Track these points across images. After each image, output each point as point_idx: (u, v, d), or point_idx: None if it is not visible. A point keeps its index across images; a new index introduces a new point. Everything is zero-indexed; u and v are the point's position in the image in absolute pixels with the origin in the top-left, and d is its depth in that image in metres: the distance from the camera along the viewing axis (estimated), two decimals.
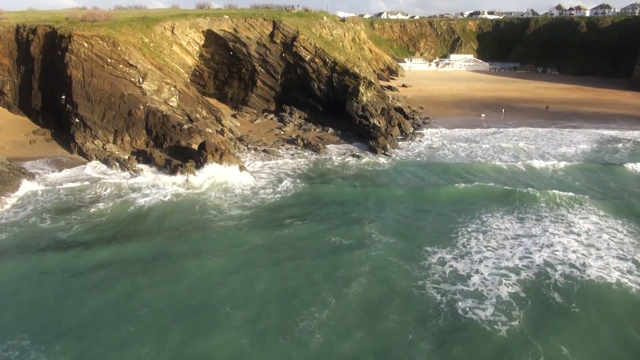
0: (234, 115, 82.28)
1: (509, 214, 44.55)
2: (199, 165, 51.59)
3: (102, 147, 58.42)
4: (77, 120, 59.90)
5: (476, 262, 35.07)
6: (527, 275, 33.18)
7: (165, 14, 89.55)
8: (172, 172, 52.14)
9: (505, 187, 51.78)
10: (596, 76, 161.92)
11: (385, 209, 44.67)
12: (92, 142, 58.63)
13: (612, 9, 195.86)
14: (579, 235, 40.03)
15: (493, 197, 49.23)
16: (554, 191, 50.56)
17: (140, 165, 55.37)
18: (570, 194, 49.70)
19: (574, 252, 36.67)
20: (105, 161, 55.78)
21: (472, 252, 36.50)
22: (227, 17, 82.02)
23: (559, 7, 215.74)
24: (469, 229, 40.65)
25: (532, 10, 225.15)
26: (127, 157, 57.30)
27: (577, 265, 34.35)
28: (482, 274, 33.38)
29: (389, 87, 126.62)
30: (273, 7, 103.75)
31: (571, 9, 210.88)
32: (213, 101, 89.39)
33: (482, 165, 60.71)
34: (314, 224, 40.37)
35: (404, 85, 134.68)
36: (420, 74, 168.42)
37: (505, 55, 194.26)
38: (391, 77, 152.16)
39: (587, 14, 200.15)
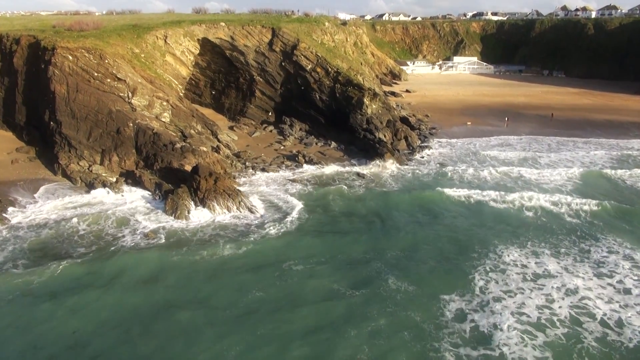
0: (231, 128, 78.18)
1: (523, 246, 40.60)
2: (192, 191, 47.54)
3: (88, 168, 54.35)
4: (61, 139, 55.82)
5: (497, 314, 30.88)
6: (555, 335, 28.98)
7: (159, 20, 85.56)
8: (164, 198, 48.13)
9: (519, 212, 48.23)
10: (603, 79, 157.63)
11: (397, 243, 40.70)
12: (77, 164, 54.56)
13: (619, 10, 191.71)
14: (610, 276, 35.93)
15: (507, 224, 45.48)
16: (571, 217, 46.92)
17: (129, 190, 51.28)
18: (591, 219, 46.08)
19: (606, 301, 32.50)
20: (91, 185, 51.69)
21: (491, 300, 32.38)
22: (223, 24, 77.92)
23: (564, 8, 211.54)
24: (487, 268, 36.60)
25: (537, 11, 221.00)
26: (114, 180, 53.23)
27: (611, 325, 30.06)
28: (503, 330, 29.22)
29: (392, 93, 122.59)
30: (272, 12, 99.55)
31: (577, 9, 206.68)
32: (209, 112, 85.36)
33: (493, 185, 56.77)
34: (318, 268, 36.21)
35: (407, 91, 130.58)
36: (424, 78, 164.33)
37: (510, 57, 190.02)
38: (394, 81, 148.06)
39: (593, 15, 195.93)
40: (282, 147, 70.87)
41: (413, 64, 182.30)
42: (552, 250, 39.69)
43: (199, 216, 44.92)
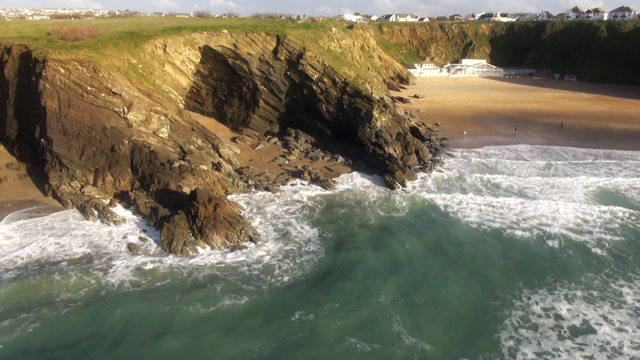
0: (233, 139, 74.67)
1: (552, 287, 36.62)
2: (190, 219, 44.02)
3: (80, 190, 50.89)
4: (51, 157, 52.41)
5: None
6: None
7: (159, 26, 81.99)
8: (159, 225, 44.60)
9: (540, 243, 44.31)
10: (617, 84, 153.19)
11: (410, 284, 36.85)
12: (69, 184, 51.11)
13: (632, 12, 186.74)
14: None
15: (529, 258, 41.55)
16: (596, 248, 43.21)
17: (122, 215, 47.76)
18: (617, 252, 42.46)
19: None
20: (82, 208, 48.19)
21: None
22: (226, 31, 74.29)
23: (575, 10, 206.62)
24: (514, 320, 32.44)
25: (547, 13, 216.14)
26: (108, 202, 49.86)
27: None
28: None
29: (401, 99, 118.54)
30: (276, 17, 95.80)
31: (589, 11, 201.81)
32: (211, 121, 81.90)
33: (509, 207, 52.75)
34: (328, 317, 32.39)
35: (416, 96, 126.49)
36: (432, 81, 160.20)
37: (520, 60, 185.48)
38: (401, 85, 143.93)
39: (606, 16, 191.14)
40: (286, 162, 67.26)
41: (420, 66, 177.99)
42: (585, 292, 35.80)
43: (196, 249, 41.32)
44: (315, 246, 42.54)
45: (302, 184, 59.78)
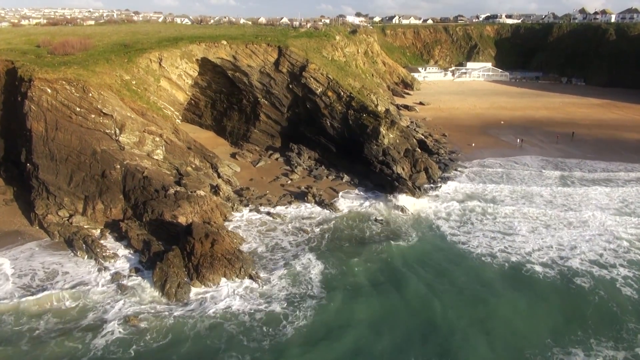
0: (233, 155, 71.28)
1: (587, 346, 32.55)
2: (185, 255, 40.56)
3: (68, 219, 47.41)
4: (38, 184, 48.98)
5: None
6: None
7: (156, 34, 78.61)
8: (152, 263, 41.10)
9: (566, 283, 40.72)
10: (626, 88, 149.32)
11: (426, 345, 32.90)
12: (56, 214, 47.62)
13: None
14: None
15: (556, 303, 37.92)
16: (628, 289, 39.55)
17: (114, 249, 44.24)
18: None
19: None
20: (70, 241, 44.71)
21: None
22: (225, 42, 70.70)
23: (582, 11, 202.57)
24: None
25: (553, 14, 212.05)
26: (98, 233, 46.51)
27: None
28: None
29: (406, 107, 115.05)
30: (277, 22, 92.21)
31: (596, 13, 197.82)
32: (210, 135, 78.68)
33: (526, 236, 49.39)
34: None
35: (421, 103, 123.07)
36: (436, 86, 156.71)
37: (526, 63, 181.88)
38: (406, 91, 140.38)
39: (613, 18, 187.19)
40: (289, 182, 63.76)
41: (425, 69, 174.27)
42: (628, 352, 31.62)
43: (192, 292, 37.83)
44: (320, 289, 38.98)
45: (305, 207, 56.32)
